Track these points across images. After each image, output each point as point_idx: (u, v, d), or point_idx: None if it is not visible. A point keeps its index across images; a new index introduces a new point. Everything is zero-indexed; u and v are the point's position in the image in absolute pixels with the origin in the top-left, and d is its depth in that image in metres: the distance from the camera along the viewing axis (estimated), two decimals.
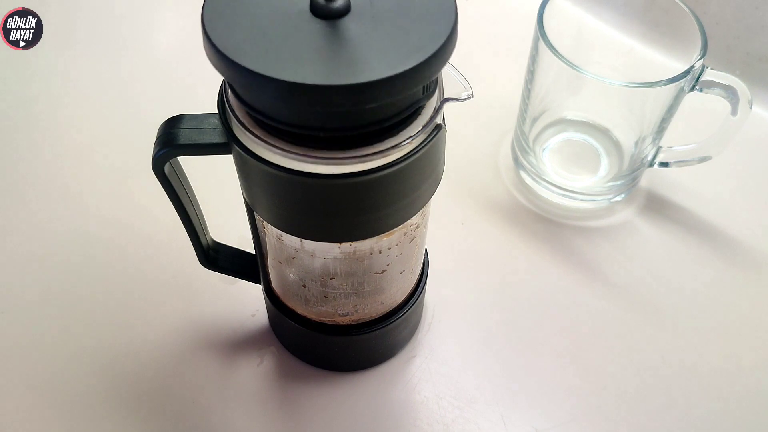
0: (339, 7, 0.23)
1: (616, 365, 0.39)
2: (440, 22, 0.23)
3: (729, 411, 0.38)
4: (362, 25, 0.23)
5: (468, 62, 0.32)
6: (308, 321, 0.35)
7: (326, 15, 0.23)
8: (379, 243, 0.30)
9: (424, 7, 0.23)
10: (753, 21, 0.50)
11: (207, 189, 0.35)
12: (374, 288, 0.33)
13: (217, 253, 0.36)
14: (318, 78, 0.21)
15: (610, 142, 0.48)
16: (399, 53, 0.22)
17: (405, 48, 0.22)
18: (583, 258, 0.44)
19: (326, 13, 0.23)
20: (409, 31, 0.23)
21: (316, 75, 0.21)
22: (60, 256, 0.43)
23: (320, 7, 0.23)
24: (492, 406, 0.37)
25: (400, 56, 0.22)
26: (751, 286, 0.43)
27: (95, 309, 0.41)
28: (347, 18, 0.23)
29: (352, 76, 0.21)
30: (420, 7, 0.23)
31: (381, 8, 0.23)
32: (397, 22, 0.23)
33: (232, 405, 0.37)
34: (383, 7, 0.23)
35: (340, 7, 0.23)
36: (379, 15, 0.23)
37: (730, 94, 0.40)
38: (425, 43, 0.22)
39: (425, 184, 0.27)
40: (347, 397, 0.38)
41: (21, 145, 0.49)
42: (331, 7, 0.23)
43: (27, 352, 0.39)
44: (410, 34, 0.22)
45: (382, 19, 0.23)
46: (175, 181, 0.30)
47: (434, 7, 0.23)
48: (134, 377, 0.38)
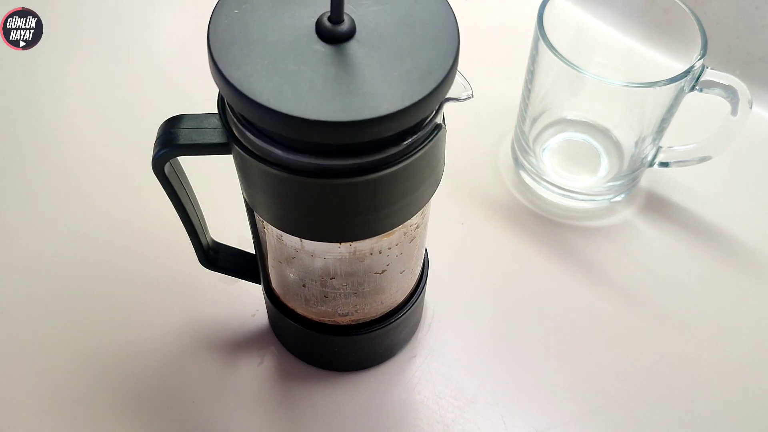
0: (344, 30, 0.23)
1: (616, 365, 0.39)
2: (444, 44, 0.23)
3: (729, 410, 0.38)
4: (368, 50, 0.23)
5: (468, 62, 0.32)
6: (308, 321, 0.35)
7: (332, 39, 0.23)
8: (379, 243, 0.30)
9: (426, 26, 0.24)
10: (753, 21, 0.50)
11: (207, 189, 0.35)
12: (374, 288, 0.33)
13: (217, 253, 0.36)
14: (328, 114, 0.21)
15: (610, 142, 0.48)
16: (406, 82, 0.22)
17: (412, 76, 0.22)
18: (583, 258, 0.44)
19: (332, 37, 0.23)
20: (414, 56, 0.23)
21: (326, 110, 0.21)
22: (59, 256, 0.43)
23: (326, 31, 0.23)
24: (492, 406, 0.38)
25: (407, 86, 0.22)
26: (751, 286, 0.43)
27: (95, 309, 0.41)
28: (353, 42, 0.23)
29: (360, 111, 0.21)
30: (422, 26, 0.24)
31: (385, 30, 0.24)
32: (401, 46, 0.23)
33: (232, 405, 0.37)
34: (387, 29, 0.24)
35: (346, 30, 0.23)
36: (384, 37, 0.23)
37: (730, 94, 0.40)
38: (431, 69, 0.23)
39: (425, 184, 0.27)
40: (347, 397, 0.38)
41: (20, 146, 0.49)
42: (337, 30, 0.23)
43: (26, 352, 0.39)
44: (415, 59, 0.23)
45: (387, 43, 0.23)
46: (175, 181, 0.30)
47: (436, 27, 0.24)
48: (134, 377, 0.38)
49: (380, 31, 0.24)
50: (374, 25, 0.24)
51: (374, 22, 0.24)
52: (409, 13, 0.24)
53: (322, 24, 0.23)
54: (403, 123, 0.23)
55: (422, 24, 0.24)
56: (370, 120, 0.22)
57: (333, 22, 0.23)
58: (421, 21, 0.24)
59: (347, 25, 0.23)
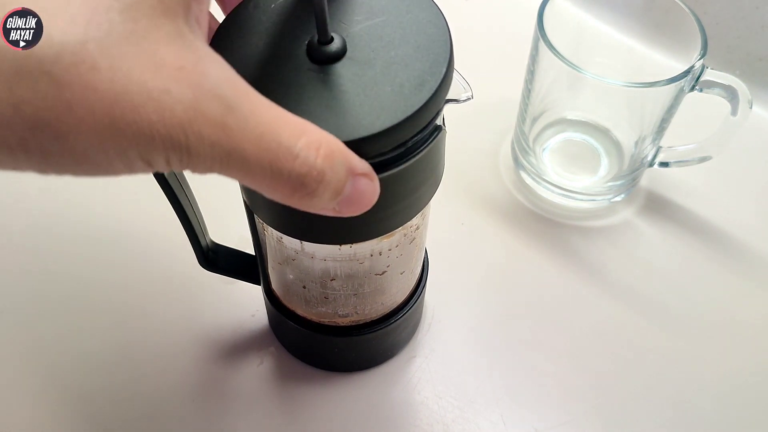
0: (334, 50, 0.23)
1: (616, 365, 0.39)
2: (436, 52, 0.24)
3: (729, 410, 0.38)
4: (360, 67, 0.23)
5: (468, 62, 0.32)
6: (308, 322, 0.35)
7: (323, 59, 0.23)
8: (379, 245, 0.30)
9: (418, 36, 0.24)
10: (753, 21, 0.50)
11: (207, 190, 0.35)
12: (374, 289, 0.33)
13: (216, 255, 0.36)
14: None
15: (610, 142, 0.48)
16: (399, 96, 0.23)
17: (405, 89, 0.23)
18: (583, 258, 0.44)
19: (323, 58, 0.23)
20: (406, 68, 0.23)
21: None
22: (59, 256, 0.43)
23: (316, 52, 0.23)
24: (492, 406, 0.38)
25: (401, 100, 0.23)
26: (751, 286, 0.43)
27: (95, 309, 0.41)
28: (345, 60, 0.23)
29: (354, 130, 0.22)
30: (414, 36, 0.24)
31: (377, 44, 0.24)
32: (394, 59, 0.24)
33: (232, 405, 0.37)
34: (379, 43, 0.24)
35: (336, 50, 0.23)
36: (377, 52, 0.24)
37: (730, 94, 0.40)
38: (424, 80, 0.23)
39: (425, 186, 0.27)
40: (347, 397, 0.38)
41: None
42: (327, 51, 0.23)
43: (26, 352, 0.39)
44: (408, 71, 0.23)
45: (380, 58, 0.24)
46: (174, 182, 0.30)
47: (428, 36, 0.24)
48: (134, 377, 0.38)
49: (372, 46, 0.24)
50: (366, 41, 0.24)
51: (366, 38, 0.24)
52: (401, 24, 0.24)
53: (313, 46, 0.24)
54: (399, 137, 0.23)
55: (414, 34, 0.24)
56: (363, 139, 0.22)
57: (321, 42, 0.23)
58: (412, 32, 0.24)
59: (337, 45, 0.23)
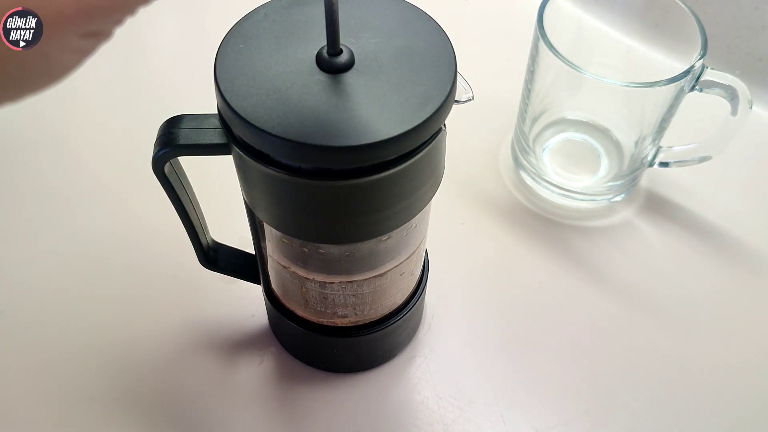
0: (343, 61, 0.24)
1: (616, 365, 0.39)
2: (441, 72, 0.24)
3: (729, 410, 0.38)
4: (368, 79, 0.24)
5: (468, 62, 0.32)
6: (308, 322, 0.35)
7: (332, 69, 0.24)
8: (379, 245, 0.30)
9: (424, 56, 0.25)
10: (753, 21, 0.50)
11: (207, 189, 0.35)
12: (374, 290, 0.33)
13: (216, 254, 0.36)
14: (330, 139, 0.23)
15: (610, 142, 0.48)
16: (405, 108, 0.23)
17: (411, 103, 0.23)
18: (583, 258, 0.44)
19: (332, 68, 0.24)
20: (412, 84, 0.24)
21: (328, 136, 0.23)
22: (59, 256, 0.43)
23: (325, 62, 0.24)
24: (492, 406, 0.38)
25: (406, 112, 0.23)
26: (752, 286, 0.43)
27: (95, 309, 0.41)
28: (353, 71, 0.24)
29: (361, 136, 0.23)
30: (421, 56, 0.25)
31: (385, 60, 0.25)
32: (401, 75, 0.24)
33: (232, 405, 0.37)
34: (387, 59, 0.25)
35: (345, 61, 0.24)
36: (384, 67, 0.25)
37: (730, 94, 0.40)
38: (429, 96, 0.24)
39: (425, 186, 0.27)
40: (347, 397, 0.38)
41: (20, 146, 0.49)
42: (336, 62, 0.24)
43: (26, 352, 0.39)
44: (414, 86, 0.24)
45: (387, 72, 0.24)
46: (175, 181, 0.30)
47: (434, 57, 0.25)
48: (134, 377, 0.38)
49: (380, 61, 0.25)
50: (374, 55, 0.25)
51: (374, 53, 0.25)
52: (408, 44, 0.25)
53: (322, 56, 0.24)
54: (402, 147, 0.24)
55: (420, 54, 0.25)
56: (369, 145, 0.23)
57: (331, 54, 0.24)
58: (419, 52, 0.25)
59: (346, 56, 0.24)
